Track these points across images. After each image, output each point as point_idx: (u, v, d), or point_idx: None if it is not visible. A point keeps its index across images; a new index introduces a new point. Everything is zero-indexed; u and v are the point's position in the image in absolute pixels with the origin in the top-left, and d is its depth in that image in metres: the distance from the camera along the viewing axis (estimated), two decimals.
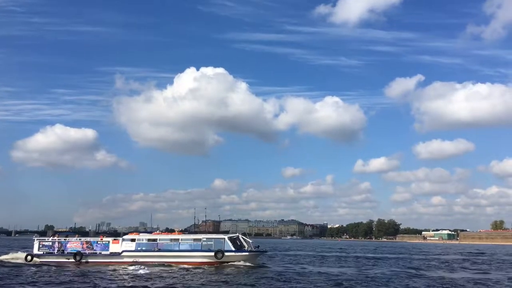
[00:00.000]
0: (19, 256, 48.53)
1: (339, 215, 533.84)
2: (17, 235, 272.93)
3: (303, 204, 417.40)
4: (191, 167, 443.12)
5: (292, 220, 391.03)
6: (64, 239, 48.93)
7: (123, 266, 42.77)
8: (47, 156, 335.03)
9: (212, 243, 45.21)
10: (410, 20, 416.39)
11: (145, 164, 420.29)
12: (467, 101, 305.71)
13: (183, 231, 67.17)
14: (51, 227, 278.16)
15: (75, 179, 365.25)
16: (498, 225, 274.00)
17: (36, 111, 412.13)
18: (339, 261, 56.07)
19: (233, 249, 44.70)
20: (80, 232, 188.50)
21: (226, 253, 44.19)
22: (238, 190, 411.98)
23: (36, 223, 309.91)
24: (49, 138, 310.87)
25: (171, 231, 58.48)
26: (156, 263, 44.11)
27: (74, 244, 47.71)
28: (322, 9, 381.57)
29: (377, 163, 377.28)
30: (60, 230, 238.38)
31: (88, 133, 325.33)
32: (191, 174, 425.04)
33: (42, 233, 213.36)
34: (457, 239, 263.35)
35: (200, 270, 39.97)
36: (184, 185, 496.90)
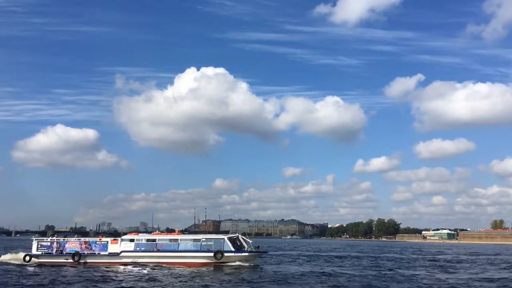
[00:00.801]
0: (17, 257, 48.18)
1: (339, 215, 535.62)
2: (17, 235, 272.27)
3: (304, 204, 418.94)
4: (192, 167, 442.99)
5: (292, 219, 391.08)
6: (63, 239, 48.68)
7: (121, 267, 42.56)
8: (48, 156, 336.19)
9: (212, 243, 44.81)
10: (410, 19, 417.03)
11: (146, 164, 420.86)
12: (467, 100, 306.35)
13: (183, 231, 66.95)
14: (52, 227, 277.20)
15: (76, 179, 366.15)
16: (498, 225, 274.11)
17: (36, 111, 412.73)
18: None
19: (232, 249, 44.33)
20: (80, 232, 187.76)
21: (226, 254, 43.82)
22: (238, 190, 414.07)
23: (36, 223, 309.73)
24: (50, 138, 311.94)
25: (171, 231, 58.16)
26: (155, 263, 43.83)
27: (72, 244, 47.37)
28: (322, 8, 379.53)
29: (378, 162, 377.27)
30: (60, 230, 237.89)
31: (89, 133, 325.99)
32: (192, 174, 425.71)
33: (43, 233, 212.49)
34: (456, 239, 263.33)
35: (199, 271, 39.69)
36: (185, 185, 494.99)
